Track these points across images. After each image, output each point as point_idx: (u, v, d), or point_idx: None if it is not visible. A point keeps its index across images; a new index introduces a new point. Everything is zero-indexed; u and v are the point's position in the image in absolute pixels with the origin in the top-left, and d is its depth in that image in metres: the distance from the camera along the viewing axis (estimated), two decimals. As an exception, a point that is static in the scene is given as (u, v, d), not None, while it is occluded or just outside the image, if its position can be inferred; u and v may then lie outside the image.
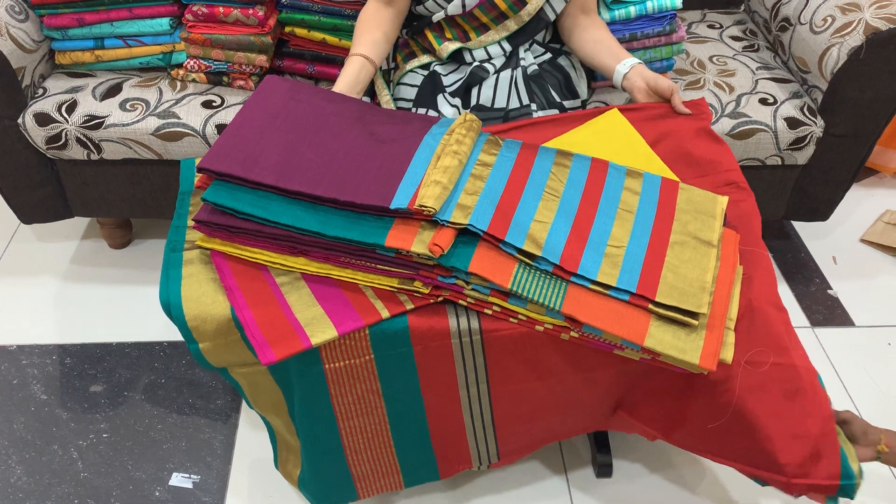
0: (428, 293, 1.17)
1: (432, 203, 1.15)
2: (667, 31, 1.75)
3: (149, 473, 1.59)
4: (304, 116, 1.33)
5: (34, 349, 1.85)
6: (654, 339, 1.08)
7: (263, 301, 1.17)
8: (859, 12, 1.71)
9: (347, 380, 1.20)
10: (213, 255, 1.23)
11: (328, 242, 1.17)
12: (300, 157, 1.24)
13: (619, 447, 1.63)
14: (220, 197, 1.20)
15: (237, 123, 1.30)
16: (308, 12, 1.79)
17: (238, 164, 1.21)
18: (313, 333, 1.13)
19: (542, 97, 1.63)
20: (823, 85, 1.76)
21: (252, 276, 1.21)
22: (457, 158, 1.25)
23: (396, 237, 1.15)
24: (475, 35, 1.66)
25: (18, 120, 1.76)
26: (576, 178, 1.29)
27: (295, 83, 1.42)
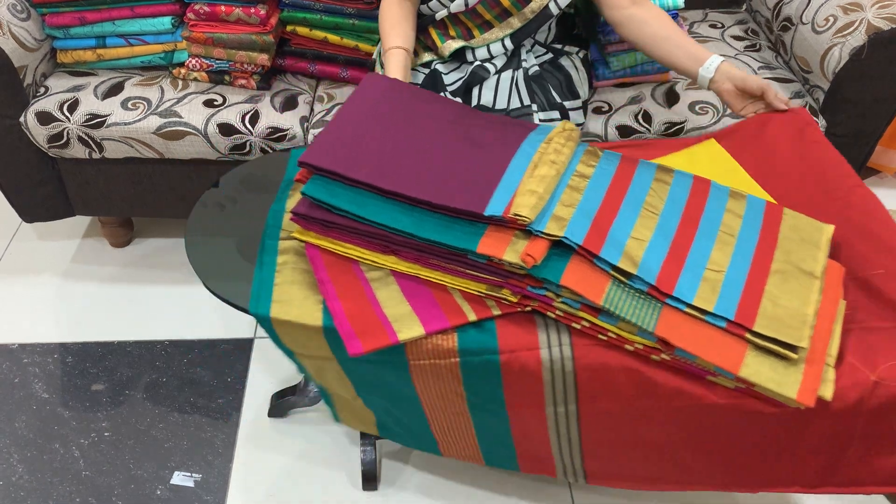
0: (516, 302, 1.14)
1: (527, 213, 1.12)
2: (668, 30, 1.75)
3: (150, 472, 1.59)
4: (402, 117, 1.33)
5: (35, 348, 1.85)
6: (749, 370, 1.05)
7: (353, 294, 1.16)
8: (861, 12, 1.71)
9: (432, 378, 1.19)
10: (308, 247, 1.24)
11: (420, 244, 1.16)
12: (398, 157, 1.24)
13: (620, 447, 1.63)
14: (318, 192, 1.20)
15: (338, 120, 1.30)
16: (310, 11, 1.79)
17: (337, 161, 1.20)
18: (400, 329, 1.12)
19: (543, 98, 1.62)
20: (825, 85, 1.76)
21: (343, 269, 1.20)
22: (554, 168, 1.22)
23: (489, 244, 1.12)
24: (479, 32, 1.66)
25: (20, 119, 1.76)
26: (676, 196, 1.25)
27: (394, 82, 1.42)
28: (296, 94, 1.84)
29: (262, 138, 1.75)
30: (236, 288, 1.28)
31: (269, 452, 1.63)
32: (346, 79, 1.89)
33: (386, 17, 1.60)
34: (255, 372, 1.79)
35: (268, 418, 1.69)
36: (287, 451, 1.63)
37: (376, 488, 1.56)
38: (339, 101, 1.84)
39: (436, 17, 1.65)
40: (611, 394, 1.15)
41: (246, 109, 1.77)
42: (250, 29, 1.76)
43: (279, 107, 1.79)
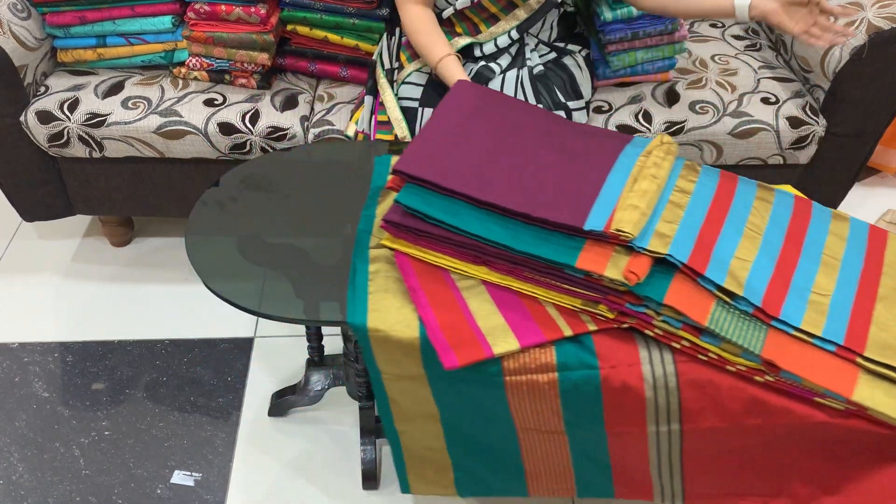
0: (612, 318, 1.13)
1: (630, 228, 1.10)
2: (669, 29, 1.75)
3: (150, 471, 1.60)
4: (493, 125, 1.32)
5: (36, 347, 1.85)
6: (863, 394, 1.04)
7: (446, 305, 1.15)
8: (862, 11, 1.71)
9: (527, 395, 1.16)
10: (397, 255, 1.22)
11: (515, 256, 1.15)
12: (492, 167, 1.23)
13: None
14: (412, 200, 1.19)
15: (430, 128, 1.29)
16: (310, 10, 1.79)
17: (432, 170, 1.19)
18: (495, 343, 1.10)
19: (549, 98, 1.62)
20: (825, 84, 1.76)
21: (434, 278, 1.19)
22: (655, 183, 1.20)
23: (589, 259, 1.11)
24: (485, 27, 1.66)
25: (20, 118, 1.76)
26: (779, 216, 1.24)
27: (484, 90, 1.41)
28: (296, 94, 1.84)
29: (263, 137, 1.75)
30: (237, 287, 1.28)
31: (269, 451, 1.63)
32: (347, 78, 1.89)
33: (419, 30, 1.60)
34: (255, 371, 1.79)
35: (268, 417, 1.69)
36: (287, 450, 1.63)
37: (376, 487, 1.56)
38: (339, 100, 1.84)
39: (442, 16, 1.65)
40: (716, 411, 1.12)
41: (246, 109, 1.77)
42: (250, 28, 1.76)
43: (279, 106, 1.79)
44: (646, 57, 1.80)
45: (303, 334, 1.74)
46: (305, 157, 1.65)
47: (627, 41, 1.76)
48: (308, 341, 1.61)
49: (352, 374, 1.54)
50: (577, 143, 1.31)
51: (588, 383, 1.12)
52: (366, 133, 1.69)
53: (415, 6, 1.61)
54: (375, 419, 1.56)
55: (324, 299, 1.30)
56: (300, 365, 1.73)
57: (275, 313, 1.24)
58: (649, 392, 1.12)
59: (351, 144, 1.69)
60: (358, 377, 1.51)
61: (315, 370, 1.65)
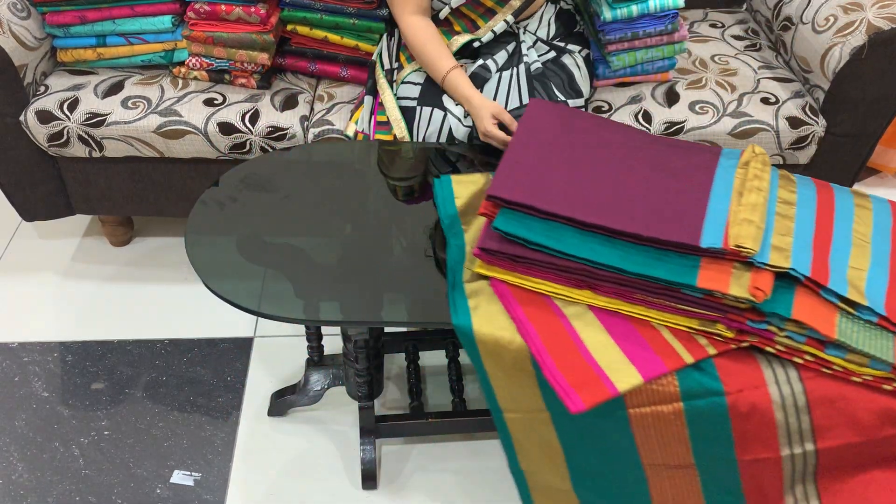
0: (731, 337, 1.11)
1: (751, 244, 1.09)
2: (669, 29, 1.75)
3: (150, 471, 1.60)
4: (579, 143, 1.29)
5: (35, 346, 1.85)
6: None
7: (557, 338, 1.12)
8: (861, 12, 1.71)
9: (653, 427, 1.14)
10: (494, 284, 1.20)
11: (625, 278, 1.12)
12: (588, 186, 1.20)
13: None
14: (511, 226, 1.16)
15: (515, 150, 1.27)
16: (310, 10, 1.79)
17: (529, 194, 1.17)
18: (618, 379, 1.07)
19: (545, 95, 1.62)
20: (825, 84, 1.76)
21: (538, 305, 1.16)
22: (762, 195, 1.19)
23: (710, 278, 1.08)
24: (483, 22, 1.66)
25: (20, 117, 1.76)
26: (881, 224, 1.23)
27: (561, 108, 1.40)
28: (296, 93, 1.84)
29: (262, 137, 1.75)
30: (236, 287, 1.28)
31: (269, 451, 1.63)
32: (347, 78, 1.89)
33: (422, 42, 1.61)
34: (255, 371, 1.80)
35: (267, 417, 1.69)
36: (286, 449, 1.63)
37: (376, 487, 1.56)
38: (339, 100, 1.84)
39: (439, 16, 1.66)
40: (850, 426, 1.11)
41: (246, 108, 1.77)
42: (250, 28, 1.76)
43: (279, 106, 1.79)
44: (645, 57, 1.80)
45: (302, 334, 1.74)
46: (305, 156, 1.65)
47: (627, 41, 1.76)
48: (308, 341, 1.61)
49: (351, 373, 1.54)
50: (668, 157, 1.28)
51: (715, 410, 1.10)
52: (365, 133, 1.69)
53: (412, 17, 1.62)
54: (375, 419, 1.56)
55: (323, 299, 1.30)
56: (300, 365, 1.73)
57: (274, 313, 1.25)
58: (779, 414, 1.09)
59: (351, 144, 1.69)
60: (357, 377, 1.51)
61: (315, 370, 1.65)
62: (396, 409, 1.70)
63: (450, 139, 1.60)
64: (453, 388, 1.64)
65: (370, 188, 1.54)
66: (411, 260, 1.38)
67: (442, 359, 1.74)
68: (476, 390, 1.74)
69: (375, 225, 1.45)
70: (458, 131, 1.60)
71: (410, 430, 1.62)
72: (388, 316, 1.32)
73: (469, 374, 1.75)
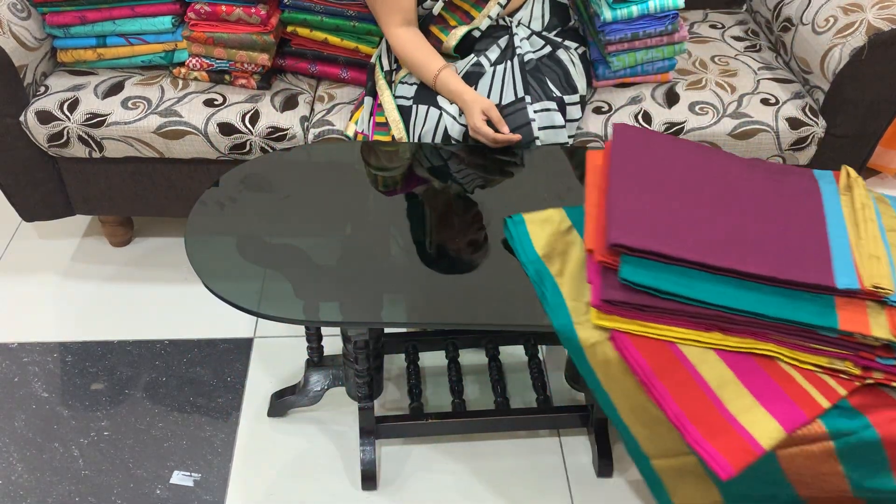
0: (858, 374, 1.12)
1: (888, 283, 1.09)
2: (669, 30, 1.75)
3: (150, 471, 1.59)
4: (677, 172, 1.26)
5: (35, 347, 1.85)
6: None
7: (691, 396, 1.10)
8: (861, 13, 1.71)
9: (804, 463, 1.13)
10: (616, 339, 1.16)
11: (761, 322, 1.12)
12: (705, 223, 1.18)
13: (620, 447, 1.63)
14: (640, 276, 1.12)
15: (619, 187, 1.23)
16: (310, 12, 1.79)
17: (655, 239, 1.13)
18: (761, 436, 1.07)
19: (540, 90, 1.62)
20: (825, 85, 1.76)
21: (661, 354, 1.14)
22: (875, 226, 1.20)
23: (850, 320, 1.09)
24: (476, 11, 1.67)
25: (20, 118, 1.76)
26: None
27: (643, 133, 1.36)
28: (296, 94, 1.84)
29: (262, 138, 1.75)
30: (236, 287, 1.28)
31: (269, 452, 1.63)
32: (347, 79, 1.89)
33: (409, 51, 1.63)
34: (255, 371, 1.79)
35: (267, 418, 1.69)
36: (286, 450, 1.63)
37: (375, 488, 1.56)
38: (339, 101, 1.84)
39: (433, 13, 1.66)
40: None
41: (246, 109, 1.77)
42: (251, 29, 1.76)
43: (279, 106, 1.79)
44: (646, 58, 1.80)
45: (302, 335, 1.74)
46: (305, 157, 1.65)
47: (627, 41, 1.76)
48: (308, 342, 1.61)
49: (351, 374, 1.54)
50: (767, 183, 1.27)
51: (866, 443, 1.10)
52: (365, 134, 1.70)
53: (398, 29, 1.63)
54: (375, 419, 1.56)
55: (323, 300, 1.30)
56: (300, 365, 1.73)
57: (274, 314, 1.24)
58: None
59: (351, 145, 1.69)
60: (357, 378, 1.51)
61: (314, 370, 1.65)
62: (396, 409, 1.70)
63: (445, 138, 1.61)
64: (453, 388, 1.64)
65: (370, 189, 1.54)
66: (411, 260, 1.38)
67: (442, 359, 1.74)
68: (476, 391, 1.74)
69: (375, 225, 1.45)
70: (454, 129, 1.60)
71: (410, 431, 1.62)
72: (388, 317, 1.32)
73: (469, 375, 1.75)
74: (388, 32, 1.65)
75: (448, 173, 1.57)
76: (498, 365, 1.68)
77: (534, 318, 1.26)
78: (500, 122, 1.54)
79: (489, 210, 1.47)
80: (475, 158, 1.59)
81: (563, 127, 1.61)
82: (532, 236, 1.31)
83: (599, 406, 1.22)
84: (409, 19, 1.64)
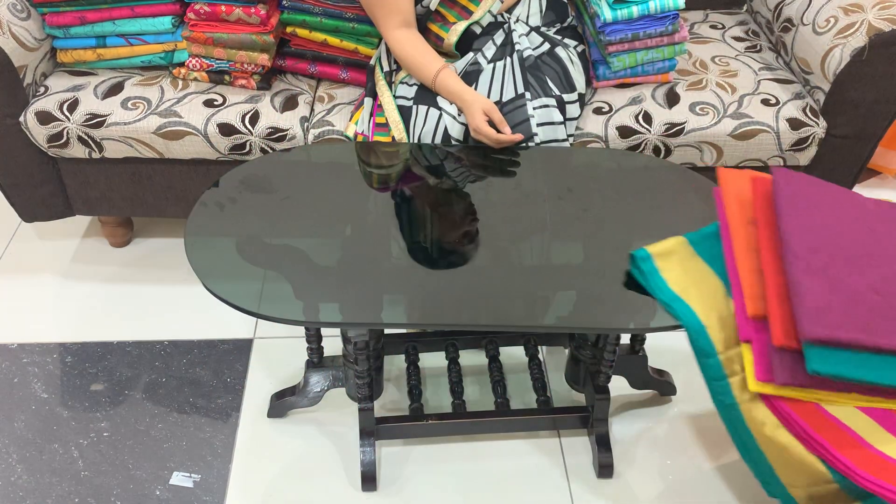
0: None
1: None
2: (669, 31, 1.75)
3: (149, 472, 1.59)
4: (860, 236, 1.19)
5: (35, 347, 1.85)
6: None
7: (849, 442, 1.11)
8: (862, 13, 1.71)
9: None
10: (776, 407, 1.15)
11: None
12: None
13: (620, 448, 1.63)
14: (831, 366, 1.07)
15: (797, 265, 1.13)
16: (309, 13, 1.79)
17: (849, 328, 1.07)
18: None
19: (539, 89, 1.62)
20: (826, 86, 1.75)
21: (807, 410, 1.13)
22: None
23: None
24: (474, 6, 1.66)
25: (20, 118, 1.76)
26: None
27: (813, 185, 1.26)
28: (296, 95, 1.84)
29: (262, 138, 1.75)
30: (235, 288, 1.28)
31: (269, 453, 1.63)
32: (346, 80, 1.89)
33: (409, 54, 1.64)
34: (255, 372, 1.79)
35: (267, 419, 1.69)
36: (286, 451, 1.63)
37: (375, 489, 1.56)
38: (339, 101, 1.83)
39: (431, 9, 1.66)
40: None
41: (246, 109, 1.77)
42: (251, 29, 1.76)
43: (279, 107, 1.79)
44: (646, 58, 1.79)
45: (302, 335, 1.74)
46: (305, 157, 1.65)
47: (628, 42, 1.76)
48: (307, 342, 1.61)
49: (351, 375, 1.54)
50: None
51: None
52: (365, 134, 1.69)
53: (397, 31, 1.63)
54: (375, 420, 1.56)
55: (323, 301, 1.30)
56: (299, 366, 1.73)
57: (274, 315, 1.24)
58: None
59: (351, 145, 1.69)
60: (357, 378, 1.51)
61: (314, 371, 1.65)
62: (396, 410, 1.70)
63: (445, 138, 1.60)
64: (453, 389, 1.64)
65: (370, 189, 1.54)
66: (411, 261, 1.38)
67: (442, 360, 1.73)
68: (476, 392, 1.73)
69: (375, 226, 1.45)
70: (453, 129, 1.60)
71: (410, 432, 1.62)
72: (389, 317, 1.32)
73: (469, 376, 1.75)
74: (387, 36, 1.65)
75: (448, 174, 1.57)
76: (498, 365, 1.68)
77: (534, 320, 1.26)
78: (501, 122, 1.54)
79: (491, 210, 1.47)
80: (475, 158, 1.59)
81: (561, 123, 1.61)
82: (662, 272, 1.28)
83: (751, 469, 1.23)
84: (407, 20, 1.64)
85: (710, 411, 1.71)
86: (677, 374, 1.75)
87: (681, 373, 1.76)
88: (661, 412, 1.72)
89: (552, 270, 1.37)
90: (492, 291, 1.32)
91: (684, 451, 1.64)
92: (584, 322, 1.33)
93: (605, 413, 1.58)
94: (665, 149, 1.77)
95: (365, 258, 1.38)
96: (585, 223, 1.45)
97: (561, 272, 1.37)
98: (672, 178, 1.60)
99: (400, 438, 1.64)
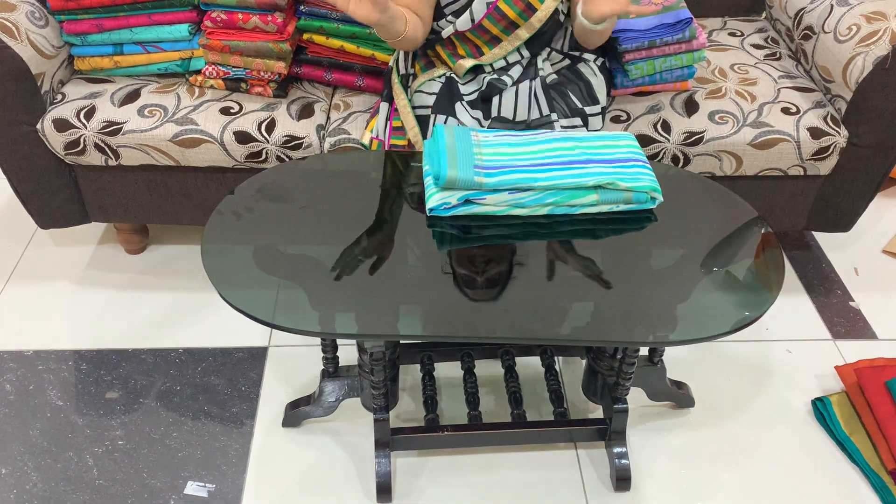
0: None
1: None
2: (686, 37, 1.73)
3: (164, 482, 1.59)
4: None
5: (50, 355, 1.85)
6: None
7: None
8: (885, 21, 1.68)
9: None
10: None
11: None
12: None
13: (637, 460, 1.61)
14: None
15: None
16: (326, 19, 1.79)
17: None
18: None
19: (564, 105, 1.61)
20: (848, 94, 1.73)
21: None
22: None
23: None
24: (487, 49, 1.65)
25: (37, 125, 1.76)
26: None
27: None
28: (312, 102, 1.84)
29: (279, 146, 1.75)
30: (251, 297, 1.27)
31: (283, 463, 1.62)
32: (363, 87, 1.88)
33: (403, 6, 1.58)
34: (270, 381, 1.79)
35: (282, 428, 1.68)
36: (301, 461, 1.62)
37: (391, 500, 1.55)
38: (355, 109, 1.83)
39: (442, 36, 1.65)
40: None
41: (262, 117, 1.77)
42: (267, 37, 1.75)
43: (295, 115, 1.79)
44: (664, 66, 1.78)
45: (318, 344, 1.73)
46: (321, 166, 1.64)
47: (644, 49, 1.74)
48: (323, 352, 1.60)
49: (367, 385, 1.53)
50: None
51: None
52: (380, 139, 1.69)
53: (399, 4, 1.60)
54: (390, 431, 1.55)
55: (339, 311, 1.29)
56: (315, 375, 1.72)
57: (289, 325, 1.23)
58: None
59: (367, 154, 1.69)
60: (373, 389, 1.50)
61: (329, 381, 1.64)
62: (411, 421, 1.69)
63: None
64: (469, 400, 1.62)
65: (386, 198, 1.53)
66: (428, 271, 1.36)
67: (457, 370, 1.72)
68: (491, 403, 1.72)
69: (391, 236, 1.44)
70: None
71: (425, 443, 1.61)
72: (405, 329, 1.31)
73: (484, 387, 1.73)
74: None
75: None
76: (514, 376, 1.67)
77: (552, 332, 1.24)
78: None
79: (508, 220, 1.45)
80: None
81: None
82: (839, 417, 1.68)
83: None
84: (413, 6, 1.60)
85: (728, 423, 1.69)
86: (695, 386, 1.73)
87: (699, 384, 1.74)
88: (679, 424, 1.70)
89: (569, 281, 1.36)
90: (509, 303, 1.31)
91: (702, 465, 1.62)
92: (602, 335, 1.31)
93: (622, 426, 1.56)
94: (684, 158, 1.75)
95: (381, 268, 1.36)
96: (603, 233, 1.43)
97: (578, 283, 1.35)
98: (691, 187, 1.58)
99: (415, 449, 1.63)
